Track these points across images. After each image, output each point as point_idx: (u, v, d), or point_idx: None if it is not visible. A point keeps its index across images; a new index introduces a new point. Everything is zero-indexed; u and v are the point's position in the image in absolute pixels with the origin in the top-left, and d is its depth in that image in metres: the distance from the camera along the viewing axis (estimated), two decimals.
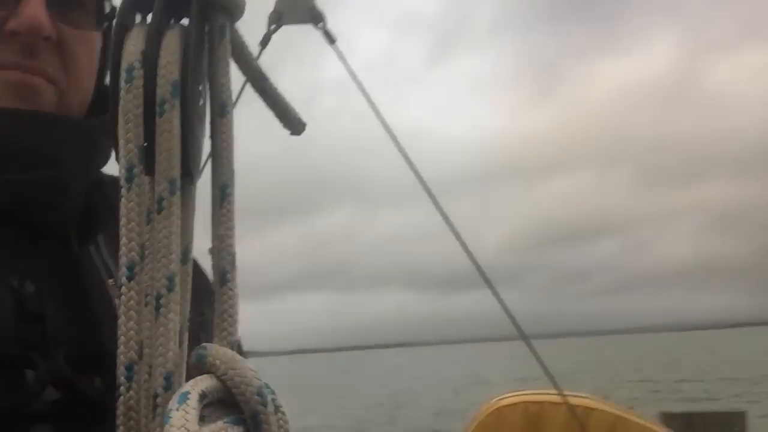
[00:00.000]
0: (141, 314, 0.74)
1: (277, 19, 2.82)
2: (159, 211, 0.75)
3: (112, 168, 0.95)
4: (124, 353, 0.73)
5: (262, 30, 2.91)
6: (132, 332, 0.74)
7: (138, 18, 0.80)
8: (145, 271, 0.74)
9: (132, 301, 0.74)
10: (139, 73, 0.76)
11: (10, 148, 0.83)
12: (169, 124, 0.76)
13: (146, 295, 0.74)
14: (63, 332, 0.82)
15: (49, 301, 0.83)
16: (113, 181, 0.99)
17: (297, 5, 2.82)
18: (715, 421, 5.34)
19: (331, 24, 2.88)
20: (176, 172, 0.76)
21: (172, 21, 0.80)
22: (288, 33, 2.87)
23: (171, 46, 0.77)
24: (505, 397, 4.53)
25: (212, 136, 0.81)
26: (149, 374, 0.72)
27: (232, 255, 0.81)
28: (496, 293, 2.84)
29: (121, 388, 0.72)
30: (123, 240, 0.75)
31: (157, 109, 0.76)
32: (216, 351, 0.74)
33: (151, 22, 0.78)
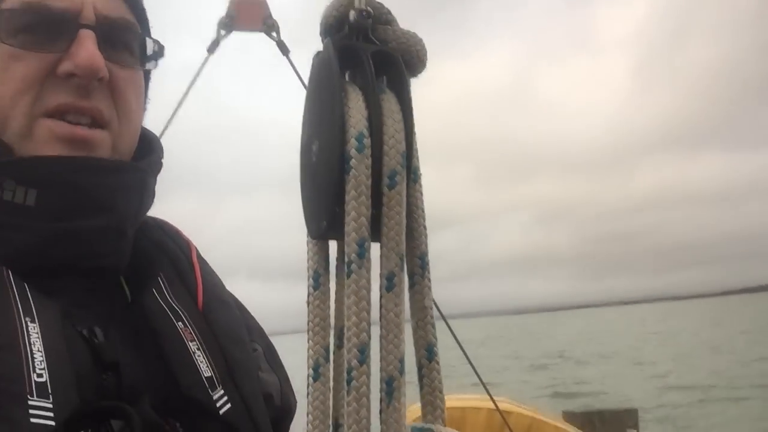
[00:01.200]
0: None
1: (228, 26, 2.69)
2: (389, 289, 0.71)
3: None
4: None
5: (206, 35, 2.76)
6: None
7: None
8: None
9: (364, 387, 0.70)
10: (368, 141, 0.71)
11: (70, 197, 0.82)
12: (399, 196, 0.72)
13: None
14: (140, 379, 0.82)
15: (121, 347, 0.82)
16: (156, 222, 1.03)
17: (250, 13, 2.71)
18: (612, 418, 5.82)
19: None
20: (403, 247, 0.73)
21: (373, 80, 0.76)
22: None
23: (394, 114, 0.74)
24: None
25: (408, 203, 0.78)
26: None
27: (434, 327, 0.79)
28: None
29: None
30: (353, 320, 0.70)
31: (388, 181, 0.72)
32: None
33: (369, 87, 0.74)
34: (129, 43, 0.90)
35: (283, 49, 2.77)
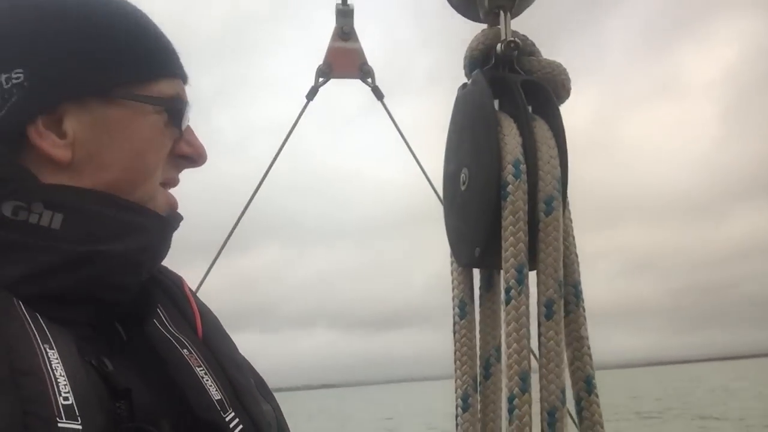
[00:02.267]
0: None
1: (326, 73, 2.78)
2: (548, 317, 0.70)
3: None
4: None
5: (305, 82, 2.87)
6: None
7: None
8: (543, 376, 0.69)
9: (527, 417, 0.68)
10: (524, 168, 0.71)
11: (151, 250, 0.87)
12: (557, 222, 0.72)
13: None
14: (153, 405, 0.82)
15: (129, 375, 0.82)
16: None
17: (347, 60, 2.79)
18: None
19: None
20: (561, 274, 0.72)
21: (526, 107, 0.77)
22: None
23: (548, 141, 0.74)
24: None
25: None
26: None
27: (591, 358, 0.77)
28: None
29: None
30: (514, 347, 0.69)
31: (544, 206, 0.71)
32: None
33: (522, 116, 0.75)
34: None
35: (378, 94, 2.83)
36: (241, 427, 0.86)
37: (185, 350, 0.89)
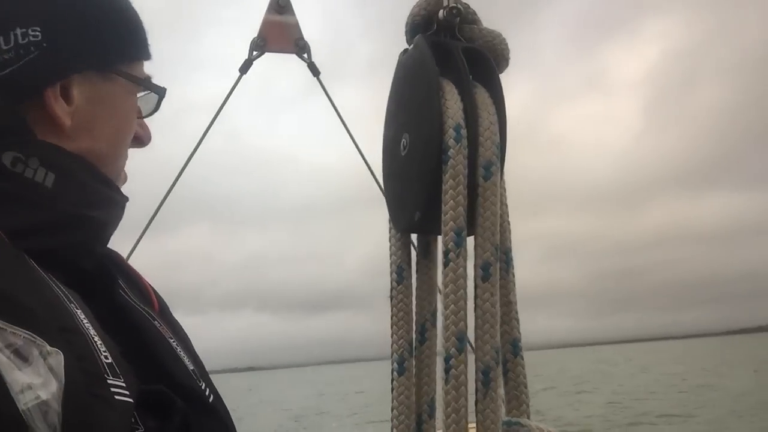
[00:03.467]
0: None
1: (261, 47, 2.72)
2: (484, 279, 0.71)
3: None
4: None
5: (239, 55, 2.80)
6: None
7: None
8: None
9: (462, 376, 0.69)
10: (464, 132, 0.72)
11: (115, 225, 0.88)
12: (495, 187, 0.73)
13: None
14: (138, 372, 0.80)
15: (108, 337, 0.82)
16: None
17: (282, 33, 2.74)
18: None
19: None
20: (497, 238, 0.73)
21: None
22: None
23: (489, 107, 0.75)
24: None
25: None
26: None
27: (519, 322, 0.79)
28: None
29: None
30: (451, 308, 0.70)
31: (484, 171, 0.72)
32: (534, 427, 0.71)
33: (464, 82, 0.75)
34: None
35: (314, 70, 2.80)
36: (212, 397, 0.87)
37: (156, 321, 0.89)
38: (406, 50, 0.83)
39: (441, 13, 0.81)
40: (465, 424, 0.69)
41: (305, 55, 2.76)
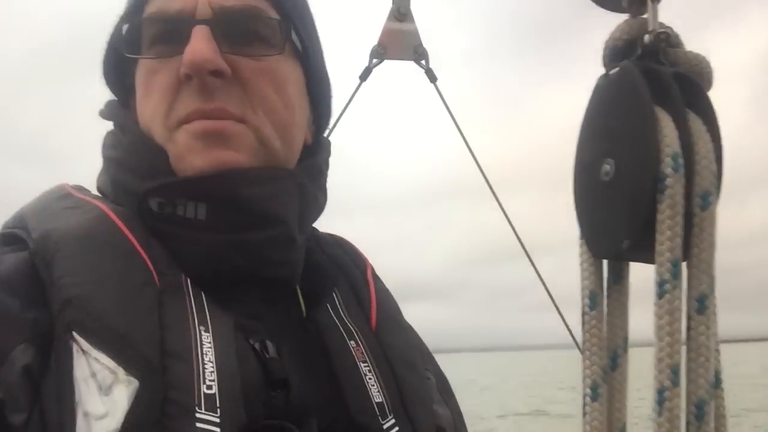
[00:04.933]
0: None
1: (380, 54, 2.77)
2: (700, 312, 0.70)
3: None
4: None
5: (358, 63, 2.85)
6: None
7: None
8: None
9: (676, 409, 0.69)
10: (682, 162, 0.71)
11: (235, 211, 0.79)
12: (712, 217, 0.71)
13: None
14: (309, 398, 0.78)
15: (291, 363, 0.79)
16: (333, 238, 1.01)
17: (402, 41, 2.78)
18: None
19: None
20: (714, 269, 0.72)
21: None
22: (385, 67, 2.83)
23: (704, 135, 0.73)
24: None
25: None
26: None
27: (719, 352, 0.77)
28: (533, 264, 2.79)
29: None
30: (666, 340, 0.69)
31: (701, 201, 0.71)
32: None
33: (679, 109, 0.74)
34: (258, 31, 0.82)
35: (431, 76, 2.82)
36: None
37: (352, 341, 0.84)
38: (606, 74, 0.82)
39: (647, 37, 0.80)
40: None
41: (423, 62, 2.79)
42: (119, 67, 0.87)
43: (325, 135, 0.99)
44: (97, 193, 0.87)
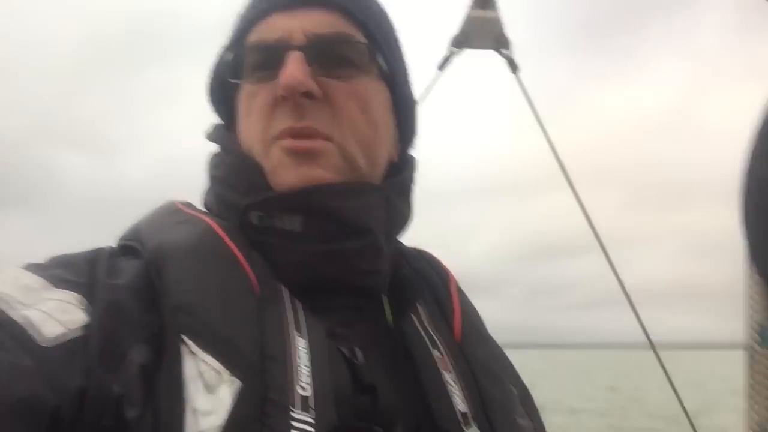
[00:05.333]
0: None
1: (461, 43, 2.66)
2: None
3: None
4: None
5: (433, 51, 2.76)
6: None
7: None
8: None
9: None
10: None
11: (327, 222, 0.84)
12: None
13: None
14: (395, 404, 0.81)
15: (378, 369, 0.82)
16: (417, 252, 1.05)
17: (484, 30, 2.67)
18: None
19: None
20: None
21: None
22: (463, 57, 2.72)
23: None
24: None
25: None
26: None
27: None
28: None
29: None
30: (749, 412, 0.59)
31: None
32: None
33: None
34: (347, 55, 0.89)
35: (513, 66, 2.70)
36: None
37: (436, 351, 0.87)
38: None
39: None
40: None
41: (505, 51, 2.67)
42: (223, 93, 0.96)
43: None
44: (203, 209, 0.95)
